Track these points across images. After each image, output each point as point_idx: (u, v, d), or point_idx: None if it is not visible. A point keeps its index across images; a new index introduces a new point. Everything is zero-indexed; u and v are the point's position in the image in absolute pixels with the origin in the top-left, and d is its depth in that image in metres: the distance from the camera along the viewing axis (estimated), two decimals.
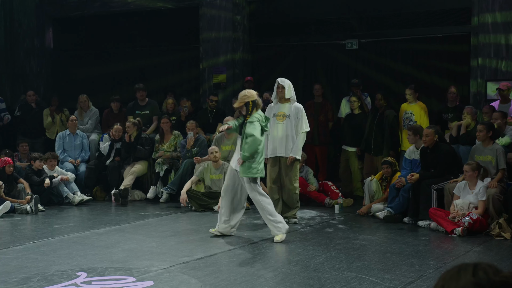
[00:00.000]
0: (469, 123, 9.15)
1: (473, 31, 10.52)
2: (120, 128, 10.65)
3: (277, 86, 8.17)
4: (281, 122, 8.10)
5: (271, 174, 8.18)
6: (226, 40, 12.57)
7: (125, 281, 5.54)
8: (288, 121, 8.08)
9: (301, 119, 8.11)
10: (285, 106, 8.17)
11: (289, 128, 8.07)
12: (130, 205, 10.04)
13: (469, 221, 7.44)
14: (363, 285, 5.40)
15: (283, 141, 8.09)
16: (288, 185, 8.15)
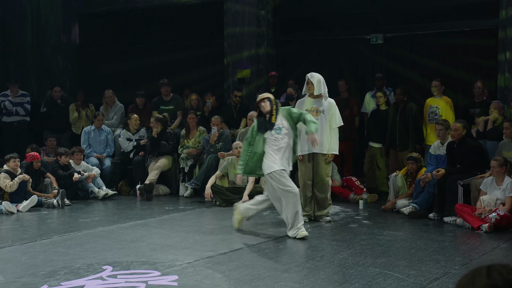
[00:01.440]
0: (496, 118, 9.04)
1: (501, 24, 10.38)
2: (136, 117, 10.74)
3: (307, 81, 8.04)
4: (316, 118, 7.84)
5: (306, 171, 8.05)
6: (251, 35, 12.56)
7: (150, 275, 5.59)
8: (323, 116, 7.94)
9: (335, 114, 8.00)
10: (317, 101, 8.02)
11: (323, 123, 7.92)
12: (155, 199, 10.12)
13: (496, 217, 7.36)
14: (388, 281, 5.37)
15: (318, 137, 7.77)
16: (322, 182, 8.05)
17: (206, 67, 13.79)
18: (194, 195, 10.21)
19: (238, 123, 11.06)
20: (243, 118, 11.03)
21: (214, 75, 13.61)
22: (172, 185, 10.69)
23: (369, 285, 5.26)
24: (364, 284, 5.29)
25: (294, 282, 5.35)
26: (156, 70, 13.70)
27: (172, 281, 5.39)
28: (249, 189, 9.26)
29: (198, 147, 10.56)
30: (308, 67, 12.79)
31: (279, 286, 5.21)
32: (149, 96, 12.09)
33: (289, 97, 10.74)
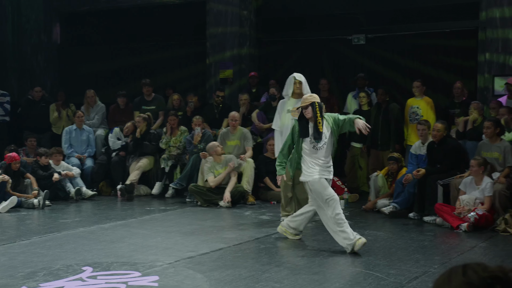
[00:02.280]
0: (476, 119, 9.12)
1: (481, 25, 10.47)
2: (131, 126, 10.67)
3: (294, 82, 8.01)
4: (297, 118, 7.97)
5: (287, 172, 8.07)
6: (233, 35, 12.57)
7: (130, 275, 5.57)
8: None
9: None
10: (298, 101, 7.87)
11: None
12: (136, 200, 10.09)
13: (475, 217, 7.43)
14: (368, 281, 5.40)
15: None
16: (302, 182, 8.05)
17: (188, 67, 13.77)
18: (176, 195, 10.18)
19: (220, 123, 11.04)
20: (225, 118, 11.03)
21: (196, 75, 13.59)
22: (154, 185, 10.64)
23: (350, 285, 5.29)
24: (344, 284, 5.32)
25: (274, 282, 5.35)
26: (138, 70, 13.66)
27: (153, 282, 5.37)
28: (230, 187, 9.26)
29: (179, 147, 10.53)
30: (290, 67, 12.81)
31: (260, 286, 5.21)
32: (130, 96, 12.04)
33: (271, 97, 10.75)
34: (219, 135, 10.19)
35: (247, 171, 9.63)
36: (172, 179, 10.36)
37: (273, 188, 9.77)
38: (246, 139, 9.99)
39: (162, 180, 10.42)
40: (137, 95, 11.88)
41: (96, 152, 11.23)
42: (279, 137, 8.07)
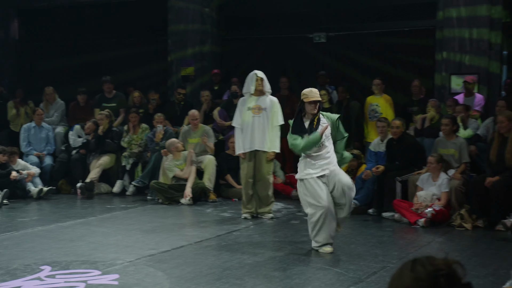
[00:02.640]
0: (433, 116, 9.27)
1: (438, 25, 10.65)
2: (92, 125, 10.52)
3: (256, 78, 8.00)
4: (258, 115, 7.97)
5: (247, 169, 8.07)
6: (195, 32, 12.52)
7: (90, 274, 5.51)
8: (265, 114, 7.98)
9: (277, 112, 8.03)
10: (260, 99, 8.05)
11: (265, 121, 7.97)
12: (96, 198, 9.96)
13: (432, 212, 7.57)
14: (327, 276, 5.45)
15: (260, 135, 7.98)
16: (263, 179, 8.08)
17: (149, 64, 13.66)
18: (137, 193, 10.10)
19: (182, 120, 11.00)
20: (186, 115, 10.98)
21: (157, 73, 13.49)
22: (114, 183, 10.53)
23: (310, 281, 5.33)
24: (304, 280, 5.35)
25: (235, 279, 5.36)
26: (99, 67, 13.49)
27: (113, 280, 5.32)
28: (191, 183, 9.24)
29: (140, 144, 10.45)
30: (252, 65, 12.80)
31: (220, 283, 5.21)
32: (91, 94, 11.90)
33: (233, 95, 10.76)
34: (181, 133, 10.15)
35: (208, 168, 9.61)
36: (134, 177, 10.28)
37: (234, 186, 9.78)
38: (208, 136, 9.97)
39: (123, 178, 10.33)
40: (98, 92, 11.74)
41: (56, 150, 11.06)
42: (239, 135, 8.08)
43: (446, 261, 1.95)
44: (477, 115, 9.45)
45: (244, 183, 8.14)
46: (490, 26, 10.14)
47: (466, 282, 1.91)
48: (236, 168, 9.92)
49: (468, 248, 6.58)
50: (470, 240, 6.99)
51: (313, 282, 5.27)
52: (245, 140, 7.99)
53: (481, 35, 10.19)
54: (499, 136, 7.70)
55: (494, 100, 9.62)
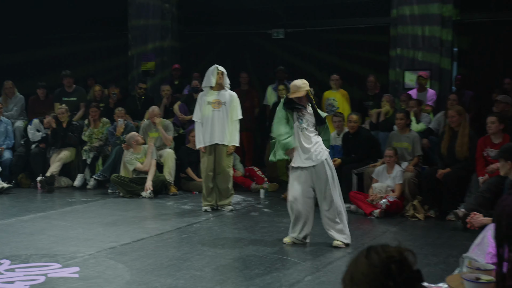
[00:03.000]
0: (388, 111, 9.40)
1: (392, 22, 10.78)
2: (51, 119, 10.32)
3: (217, 72, 7.95)
4: (218, 110, 7.93)
5: (208, 162, 8.03)
6: (155, 27, 12.41)
7: (50, 267, 5.42)
8: (224, 108, 7.96)
9: (236, 106, 8.01)
10: (219, 93, 8.01)
11: (225, 116, 7.94)
12: (57, 192, 9.79)
13: (387, 203, 7.68)
14: (286, 266, 5.49)
15: (220, 129, 7.94)
16: (223, 172, 8.06)
17: (110, 58, 13.51)
18: (98, 187, 9.97)
19: (142, 115, 10.90)
20: (147, 110, 10.89)
21: (118, 67, 13.34)
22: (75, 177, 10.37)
23: (268, 271, 5.35)
24: (263, 270, 5.37)
25: (195, 270, 5.35)
26: (59, 61, 13.26)
27: (73, 273, 5.25)
28: (151, 176, 9.17)
29: (101, 138, 10.32)
30: (212, 60, 12.74)
31: (181, 274, 5.20)
32: (51, 88, 11.69)
33: (193, 90, 10.73)
34: (141, 127, 10.05)
35: (168, 162, 9.55)
36: (94, 171, 10.14)
37: (195, 179, 9.74)
38: (168, 129, 9.90)
39: (83, 172, 10.18)
40: (58, 87, 11.54)
41: (15, 144, 10.82)
42: (199, 129, 8.05)
43: (398, 249, 2.01)
44: (429, 109, 9.62)
45: (204, 176, 8.12)
46: (441, 24, 10.31)
47: (416, 269, 1.96)
48: (196, 161, 9.87)
49: (420, 238, 6.70)
50: (422, 230, 7.12)
51: (272, 272, 5.29)
52: (205, 134, 7.96)
53: (433, 32, 10.35)
54: (449, 130, 7.85)
55: (445, 95, 9.80)
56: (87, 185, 10.05)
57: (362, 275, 1.95)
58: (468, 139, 7.62)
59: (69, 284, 4.97)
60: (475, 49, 10.77)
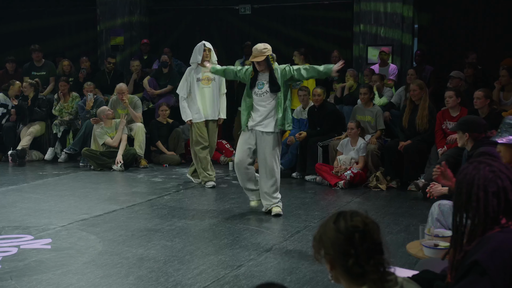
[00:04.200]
0: (351, 85, 9.44)
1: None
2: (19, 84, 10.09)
3: (204, 49, 7.56)
4: (208, 86, 7.62)
5: (203, 135, 7.67)
6: (123, 2, 12.18)
7: (22, 239, 5.35)
8: (214, 83, 7.67)
9: (223, 81, 7.79)
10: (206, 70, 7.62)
11: (215, 91, 7.70)
12: (28, 165, 9.63)
13: (351, 175, 7.75)
14: (254, 236, 5.51)
15: (211, 105, 7.67)
16: (213, 145, 7.91)
17: (79, 33, 13.25)
18: (69, 160, 9.83)
19: (112, 89, 10.72)
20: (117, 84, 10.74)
21: (87, 42, 13.10)
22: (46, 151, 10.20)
23: (237, 240, 5.37)
24: (232, 240, 5.39)
25: (166, 240, 5.34)
26: (28, 36, 12.93)
27: (45, 245, 5.20)
28: (122, 150, 9.07)
29: (71, 112, 10.15)
30: (180, 35, 12.65)
31: (151, 245, 5.18)
32: (20, 62, 11.42)
33: (163, 64, 10.61)
34: (110, 102, 9.89)
35: (138, 135, 9.45)
36: (65, 145, 9.99)
37: (165, 152, 9.67)
38: (136, 106, 9.75)
39: (54, 146, 10.02)
40: (27, 61, 11.28)
41: None
42: (185, 103, 7.69)
43: (364, 219, 2.07)
44: (391, 83, 9.69)
45: (199, 149, 7.69)
46: (402, 1, 10.34)
47: (378, 241, 2.04)
48: (166, 135, 9.81)
49: (382, 207, 6.79)
50: (384, 200, 7.21)
51: (241, 242, 5.31)
52: (194, 109, 7.63)
53: (395, 9, 10.38)
54: (410, 103, 7.92)
55: (406, 70, 9.86)
56: (58, 159, 9.91)
57: (328, 239, 2.06)
58: (428, 112, 7.71)
59: (41, 255, 4.92)
60: (435, 25, 10.85)
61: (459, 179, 2.40)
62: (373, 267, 2.02)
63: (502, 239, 2.24)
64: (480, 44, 10.50)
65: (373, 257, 2.03)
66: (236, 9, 12.03)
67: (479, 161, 2.41)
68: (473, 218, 2.32)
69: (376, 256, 2.04)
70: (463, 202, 2.36)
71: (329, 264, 2.09)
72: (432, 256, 3.44)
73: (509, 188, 2.32)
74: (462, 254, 2.32)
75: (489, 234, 2.29)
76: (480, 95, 7.18)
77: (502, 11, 10.37)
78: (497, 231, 2.29)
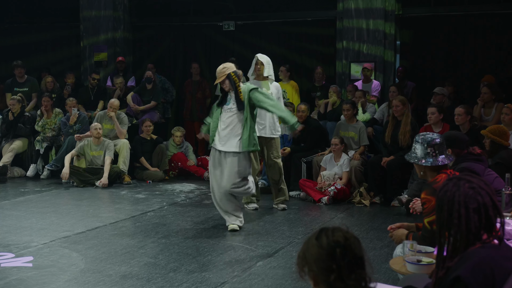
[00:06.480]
0: (335, 101, 9.49)
1: (339, 16, 10.86)
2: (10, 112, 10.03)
3: (256, 62, 7.30)
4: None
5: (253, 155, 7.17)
6: (107, 18, 12.18)
7: (3, 257, 5.28)
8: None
9: (280, 98, 7.35)
10: (264, 84, 7.28)
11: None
12: (9, 182, 9.53)
13: (334, 191, 7.77)
14: (238, 252, 5.49)
15: (264, 121, 7.21)
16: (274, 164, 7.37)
17: (62, 49, 13.23)
18: (51, 176, 9.75)
19: (95, 105, 10.73)
20: (100, 100, 10.74)
21: (70, 58, 13.08)
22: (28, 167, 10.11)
23: (221, 257, 5.35)
24: (215, 256, 5.37)
25: (149, 257, 5.31)
26: (10, 52, 12.88)
27: (27, 262, 5.14)
28: (107, 170, 9.01)
29: (54, 128, 10.09)
30: (164, 51, 12.67)
31: (135, 262, 5.15)
32: (2, 78, 11.37)
33: (147, 80, 10.64)
34: (96, 117, 9.84)
35: (122, 151, 9.41)
36: (48, 161, 9.92)
37: (148, 168, 9.64)
38: (123, 122, 9.73)
39: (36, 162, 9.94)
40: (9, 77, 11.22)
41: None
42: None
43: (345, 235, 2.10)
44: (374, 100, 9.76)
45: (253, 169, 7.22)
46: (384, 18, 10.46)
47: (359, 256, 2.06)
48: (150, 151, 9.78)
49: (366, 223, 6.81)
50: (368, 215, 7.23)
51: (224, 258, 5.30)
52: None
53: (377, 26, 10.49)
54: (393, 119, 7.99)
55: (389, 86, 9.95)
56: (40, 175, 9.82)
57: (311, 255, 2.09)
58: (411, 127, 7.77)
59: (22, 273, 4.86)
60: (417, 42, 10.98)
61: (440, 196, 2.42)
62: (355, 282, 2.04)
63: (483, 255, 2.26)
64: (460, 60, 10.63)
65: (354, 272, 2.05)
66: (220, 26, 12.08)
67: (459, 177, 2.43)
68: (455, 234, 2.34)
69: (358, 271, 2.06)
70: (445, 219, 2.38)
71: (313, 281, 2.10)
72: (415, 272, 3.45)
73: (489, 204, 2.34)
74: (445, 270, 2.34)
75: (471, 250, 2.31)
76: (461, 112, 7.26)
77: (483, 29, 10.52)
78: (478, 246, 2.31)
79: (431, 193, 3.63)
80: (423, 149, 3.84)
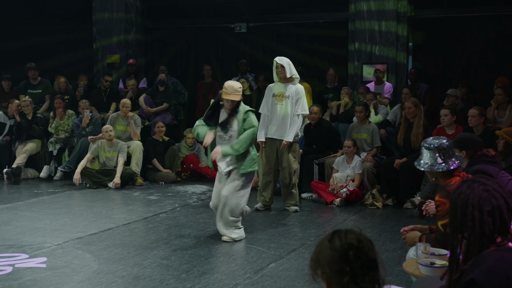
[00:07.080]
0: (347, 103, 9.48)
1: (350, 17, 10.85)
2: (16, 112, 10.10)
3: (276, 66, 7.22)
4: (280, 103, 7.18)
5: (266, 157, 7.36)
6: (119, 21, 12.25)
7: (17, 258, 5.32)
8: (287, 102, 7.16)
9: (300, 100, 7.20)
10: (284, 86, 7.22)
11: (287, 110, 7.15)
12: (23, 183, 9.60)
13: (347, 192, 7.76)
14: (250, 254, 5.50)
15: (279, 123, 7.20)
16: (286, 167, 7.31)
17: (75, 51, 13.31)
18: (64, 178, 9.81)
19: (108, 107, 10.79)
20: (112, 102, 10.80)
21: (83, 60, 13.17)
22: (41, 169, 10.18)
23: (234, 259, 5.36)
24: (228, 257, 5.38)
25: (162, 258, 5.32)
26: (24, 54, 12.97)
27: (41, 263, 5.17)
28: (120, 171, 9.05)
29: (67, 130, 10.15)
30: (176, 53, 12.72)
31: (147, 263, 5.17)
32: (16, 80, 11.45)
33: (160, 83, 10.69)
34: (109, 119, 9.89)
35: (135, 153, 9.45)
36: (61, 162, 9.98)
37: (160, 169, 9.67)
38: (136, 124, 9.77)
39: (50, 163, 10.01)
40: (23, 79, 11.31)
41: None
42: (263, 122, 7.30)
43: (359, 237, 2.09)
44: (386, 101, 9.73)
45: (261, 170, 7.37)
46: (397, 19, 10.43)
47: (372, 258, 2.06)
48: (162, 152, 9.82)
49: (379, 225, 6.79)
50: (380, 218, 7.21)
51: (237, 260, 5.30)
52: (264, 127, 7.27)
53: (389, 27, 10.46)
54: (405, 121, 7.96)
55: (401, 88, 9.91)
56: (53, 177, 9.89)
57: (324, 257, 2.08)
58: (423, 129, 7.74)
59: (36, 274, 4.89)
60: (429, 43, 10.93)
61: (454, 198, 2.42)
62: (368, 284, 2.04)
63: (498, 258, 2.25)
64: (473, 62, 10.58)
65: (368, 274, 2.05)
66: (232, 27, 12.10)
67: (473, 180, 2.42)
68: (468, 237, 2.33)
69: (371, 273, 2.06)
70: (459, 222, 2.37)
71: (326, 283, 2.10)
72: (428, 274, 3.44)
73: (503, 207, 2.33)
74: (459, 273, 2.33)
75: (485, 253, 2.30)
76: (474, 113, 7.22)
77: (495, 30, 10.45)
78: (493, 249, 2.30)
79: (445, 196, 3.62)
80: (432, 155, 3.83)
